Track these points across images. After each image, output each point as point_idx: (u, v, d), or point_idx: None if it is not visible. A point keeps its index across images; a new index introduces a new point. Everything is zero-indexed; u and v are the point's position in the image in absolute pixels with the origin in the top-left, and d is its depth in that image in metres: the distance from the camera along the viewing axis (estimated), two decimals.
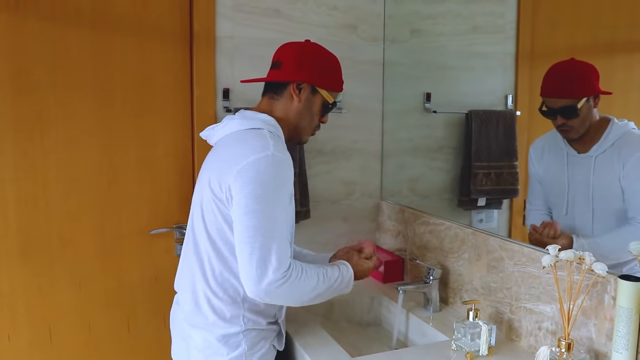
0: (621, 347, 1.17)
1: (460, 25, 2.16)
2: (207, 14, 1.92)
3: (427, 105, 2.18)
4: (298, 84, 1.46)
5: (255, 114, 1.45)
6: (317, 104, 1.50)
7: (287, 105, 1.48)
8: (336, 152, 2.17)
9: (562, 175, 1.60)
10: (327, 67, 1.51)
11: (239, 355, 1.38)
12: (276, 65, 1.49)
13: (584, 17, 1.65)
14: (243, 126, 1.41)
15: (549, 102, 1.56)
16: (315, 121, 1.53)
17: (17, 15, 1.73)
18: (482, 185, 2.01)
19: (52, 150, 1.82)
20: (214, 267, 1.38)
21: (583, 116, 1.51)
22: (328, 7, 2.10)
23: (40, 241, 1.83)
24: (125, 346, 1.97)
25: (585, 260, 1.22)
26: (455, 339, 1.48)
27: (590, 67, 1.48)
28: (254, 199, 1.28)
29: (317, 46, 1.53)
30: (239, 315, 1.39)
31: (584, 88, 1.49)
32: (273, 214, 1.30)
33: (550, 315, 1.41)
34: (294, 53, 1.48)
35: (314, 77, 1.47)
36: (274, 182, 1.31)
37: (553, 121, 1.56)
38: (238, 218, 1.30)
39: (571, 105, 1.50)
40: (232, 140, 1.40)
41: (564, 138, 1.58)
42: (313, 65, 1.48)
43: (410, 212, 2.04)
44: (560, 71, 1.54)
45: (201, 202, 1.42)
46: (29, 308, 1.84)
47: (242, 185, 1.29)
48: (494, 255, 1.60)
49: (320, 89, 1.49)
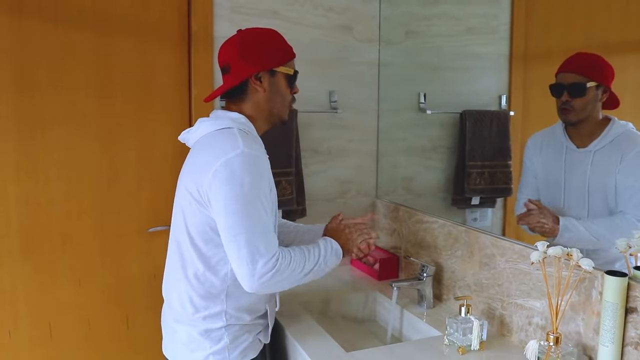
0: (607, 341, 1.20)
1: (454, 26, 2.19)
2: (205, 15, 1.95)
3: (422, 105, 2.21)
4: (255, 76, 1.45)
5: (225, 113, 1.46)
6: (281, 83, 1.49)
7: (255, 98, 1.47)
8: (332, 152, 2.20)
9: (559, 169, 1.63)
10: (269, 45, 1.48)
11: (221, 348, 1.41)
12: (226, 70, 1.47)
13: (577, 19, 1.66)
14: (214, 127, 1.43)
15: (561, 78, 1.58)
16: (288, 97, 1.53)
17: (20, 16, 1.76)
18: (476, 184, 2.03)
19: (53, 150, 1.85)
20: (197, 267, 1.41)
21: (587, 100, 1.54)
22: (324, 8, 2.13)
23: (42, 239, 1.86)
24: (125, 342, 2.00)
25: (572, 256, 1.25)
26: (448, 334, 1.51)
27: (610, 66, 1.51)
28: (232, 199, 1.31)
29: (249, 31, 1.49)
30: (221, 312, 1.42)
31: (598, 73, 1.53)
32: (253, 209, 1.33)
33: (540, 310, 1.44)
34: (235, 50, 1.45)
35: (265, 62, 1.45)
36: (248, 178, 1.33)
37: (558, 99, 1.58)
38: (220, 220, 1.34)
39: (580, 82, 1.53)
40: (205, 142, 1.43)
41: (563, 121, 1.61)
42: (256, 51, 1.45)
43: (404, 211, 2.07)
44: (583, 54, 1.57)
45: (182, 205, 1.44)
46: (30, 304, 1.86)
47: (218, 187, 1.32)
48: (485, 253, 1.63)
49: (277, 69, 1.48)
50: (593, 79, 1.52)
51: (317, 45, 2.12)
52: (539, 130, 1.76)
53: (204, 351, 1.41)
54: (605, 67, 1.51)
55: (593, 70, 1.54)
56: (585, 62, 1.56)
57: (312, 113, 2.14)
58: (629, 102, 1.52)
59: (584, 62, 1.56)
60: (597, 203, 1.53)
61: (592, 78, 1.52)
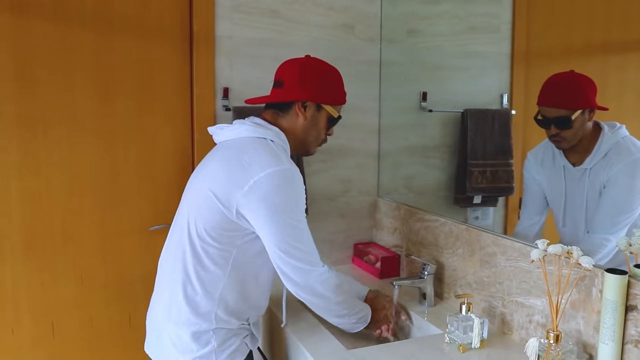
0: (607, 339, 1.20)
1: (456, 25, 2.19)
2: (206, 15, 1.96)
3: (424, 104, 2.21)
4: (303, 102, 1.49)
5: (267, 124, 1.48)
6: (322, 120, 1.54)
7: (293, 121, 1.51)
8: (333, 151, 2.20)
9: (560, 188, 1.62)
10: (329, 83, 1.53)
11: (208, 352, 1.41)
12: (279, 84, 1.51)
13: (579, 18, 1.66)
14: (254, 134, 1.44)
15: (545, 112, 1.57)
16: (322, 135, 1.57)
17: (21, 16, 1.77)
18: (478, 183, 2.03)
19: (54, 148, 1.85)
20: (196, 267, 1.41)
21: (576, 128, 1.52)
22: (325, 7, 2.13)
23: (43, 237, 1.87)
24: (127, 340, 2.01)
25: (572, 254, 1.25)
26: (449, 332, 1.51)
27: (588, 81, 1.48)
28: (275, 210, 1.35)
29: (317, 61, 1.55)
30: (211, 312, 1.41)
31: (580, 100, 1.50)
32: (296, 220, 1.39)
33: (540, 308, 1.44)
34: (296, 71, 1.49)
35: (318, 95, 1.50)
36: (293, 194, 1.38)
37: (547, 130, 1.58)
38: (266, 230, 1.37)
39: (565, 116, 1.51)
40: (243, 145, 1.42)
41: (557, 148, 1.60)
42: (316, 82, 1.50)
43: (406, 209, 2.07)
44: (558, 82, 1.55)
45: (196, 202, 1.43)
46: (32, 303, 1.87)
47: (259, 198, 1.34)
48: (486, 251, 1.63)
49: (325, 105, 1.52)
50: (577, 108, 1.49)
51: (318, 45, 2.12)
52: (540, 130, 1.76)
53: (191, 353, 1.41)
54: (586, 89, 1.48)
55: (573, 100, 1.51)
56: (562, 93, 1.54)
57: None
58: (629, 102, 1.52)
59: (561, 93, 1.54)
60: None
61: (575, 108, 1.49)
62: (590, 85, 1.48)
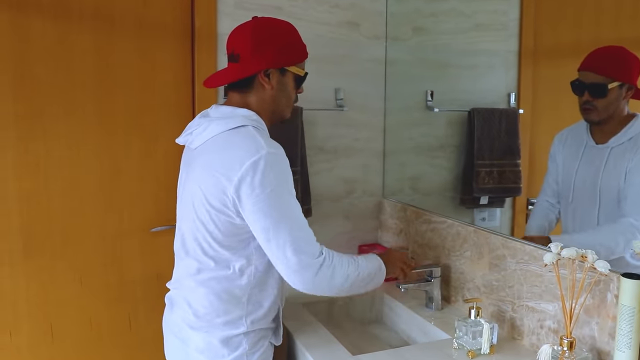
0: (624, 346, 1.17)
1: (462, 23, 2.16)
2: (208, 11, 1.92)
3: (429, 103, 2.18)
4: (265, 71, 1.37)
5: (233, 110, 1.38)
6: (289, 82, 1.43)
7: (260, 94, 1.41)
8: (338, 150, 2.17)
9: (574, 162, 1.59)
10: (286, 42, 1.40)
11: (240, 355, 1.37)
12: (233, 58, 1.38)
13: (587, 15, 1.64)
14: (227, 126, 1.35)
15: (582, 76, 1.52)
16: (292, 97, 1.47)
17: (20, 14, 1.74)
18: (485, 184, 2.01)
19: (54, 148, 1.82)
20: (217, 271, 1.36)
21: (609, 100, 1.48)
22: (330, 4, 2.09)
23: (42, 238, 1.84)
24: (127, 342, 1.98)
25: (587, 258, 1.21)
26: (457, 337, 1.48)
27: (635, 58, 1.44)
28: (265, 199, 1.27)
29: (267, 21, 1.40)
30: (242, 316, 1.38)
31: (620, 71, 1.46)
32: (288, 207, 1.31)
33: (552, 313, 1.40)
34: (247, 40, 1.36)
35: (278, 59, 1.38)
36: (279, 178, 1.30)
37: (579, 97, 1.53)
38: (257, 223, 1.29)
39: (602, 83, 1.47)
40: (219, 143, 1.35)
41: (585, 120, 1.55)
42: (272, 46, 1.37)
43: (412, 211, 2.03)
44: (605, 50, 1.51)
45: (195, 208, 1.37)
46: (31, 304, 1.84)
47: (248, 192, 1.27)
48: (495, 254, 1.59)
49: (289, 67, 1.42)
50: (616, 79, 1.45)
51: (323, 42, 2.08)
52: (549, 129, 1.73)
53: (222, 358, 1.37)
54: (631, 64, 1.44)
55: (615, 69, 1.47)
56: (606, 60, 1.49)
57: (318, 111, 2.10)
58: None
59: (604, 59, 1.50)
60: (609, 202, 1.48)
61: (614, 78, 1.45)
62: (637, 64, 1.44)
